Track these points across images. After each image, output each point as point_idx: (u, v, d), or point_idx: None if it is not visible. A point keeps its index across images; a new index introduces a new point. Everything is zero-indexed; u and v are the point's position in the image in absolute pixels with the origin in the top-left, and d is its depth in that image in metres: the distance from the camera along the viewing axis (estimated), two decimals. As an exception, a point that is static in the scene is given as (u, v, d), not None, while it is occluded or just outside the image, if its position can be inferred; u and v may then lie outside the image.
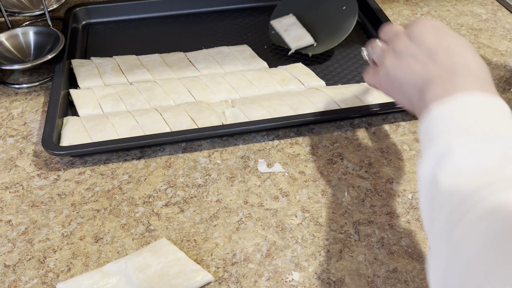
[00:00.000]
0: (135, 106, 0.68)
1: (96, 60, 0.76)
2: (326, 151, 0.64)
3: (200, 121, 0.64)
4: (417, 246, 0.53)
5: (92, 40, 0.84)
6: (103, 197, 0.58)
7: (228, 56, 0.78)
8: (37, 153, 0.63)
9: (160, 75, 0.74)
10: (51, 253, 0.52)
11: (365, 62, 0.79)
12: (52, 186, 0.59)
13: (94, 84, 0.72)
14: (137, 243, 0.53)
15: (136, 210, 0.56)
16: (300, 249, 0.52)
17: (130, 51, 0.80)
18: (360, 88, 0.71)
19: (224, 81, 0.72)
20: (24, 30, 0.77)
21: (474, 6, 0.94)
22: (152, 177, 0.60)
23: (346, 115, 0.65)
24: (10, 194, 0.58)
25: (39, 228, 0.54)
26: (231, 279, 0.50)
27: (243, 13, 0.91)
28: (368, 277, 0.50)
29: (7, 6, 0.82)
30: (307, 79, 0.73)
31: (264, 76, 0.73)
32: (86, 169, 0.61)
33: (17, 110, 0.70)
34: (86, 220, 0.55)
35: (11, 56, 0.74)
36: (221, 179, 0.60)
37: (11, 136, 0.66)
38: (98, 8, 0.87)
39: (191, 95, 0.70)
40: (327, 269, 0.50)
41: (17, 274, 0.50)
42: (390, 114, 0.69)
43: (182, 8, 0.90)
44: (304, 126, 0.68)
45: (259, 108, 0.66)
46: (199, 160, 0.63)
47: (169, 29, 0.87)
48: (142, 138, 0.61)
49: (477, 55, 0.44)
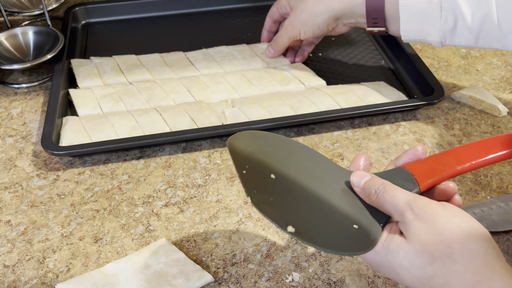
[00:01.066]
0: (134, 106, 0.68)
1: (95, 60, 0.76)
2: (327, 151, 0.64)
3: (200, 121, 0.64)
4: (417, 246, 0.52)
5: (92, 40, 0.84)
6: (102, 197, 0.58)
7: (228, 55, 0.78)
8: (37, 153, 0.63)
9: (160, 75, 0.74)
10: (51, 253, 0.52)
11: (367, 61, 0.79)
12: (51, 186, 0.59)
13: (93, 84, 0.72)
14: (137, 243, 0.53)
15: (136, 210, 0.56)
16: (300, 250, 0.52)
17: (129, 51, 0.79)
18: (360, 88, 0.70)
19: (224, 81, 0.72)
20: (23, 30, 0.77)
21: (474, 6, 0.94)
22: (152, 177, 0.60)
23: (346, 115, 0.65)
24: (9, 194, 0.58)
25: (39, 228, 0.54)
26: (231, 280, 0.50)
27: (243, 13, 0.91)
28: (368, 277, 0.50)
29: (7, 6, 0.82)
30: (307, 79, 0.73)
31: (264, 76, 0.73)
32: (86, 169, 0.61)
33: (17, 110, 0.70)
34: (86, 220, 0.55)
35: (10, 56, 0.74)
36: (221, 179, 0.60)
37: (11, 136, 0.66)
38: (98, 8, 0.87)
39: (191, 95, 0.69)
40: (327, 270, 0.50)
41: (17, 274, 0.50)
42: (390, 114, 0.69)
43: (182, 8, 0.90)
44: (304, 126, 0.67)
45: (259, 108, 0.66)
46: (199, 160, 0.62)
47: (169, 29, 0.87)
48: (142, 138, 0.61)
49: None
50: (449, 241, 0.36)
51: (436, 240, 0.36)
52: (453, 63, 0.79)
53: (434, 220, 0.37)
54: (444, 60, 0.80)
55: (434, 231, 0.37)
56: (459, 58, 0.81)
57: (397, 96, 0.70)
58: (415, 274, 0.37)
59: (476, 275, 0.35)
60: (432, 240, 0.37)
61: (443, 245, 0.36)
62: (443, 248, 0.36)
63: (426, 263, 0.37)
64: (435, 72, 0.77)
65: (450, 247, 0.36)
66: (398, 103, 0.67)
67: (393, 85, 0.73)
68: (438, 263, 0.36)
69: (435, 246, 0.36)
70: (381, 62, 0.79)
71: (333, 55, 0.81)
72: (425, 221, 0.37)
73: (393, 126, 0.68)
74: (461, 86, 0.75)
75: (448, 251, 0.36)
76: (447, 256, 0.36)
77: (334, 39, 0.84)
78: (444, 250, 0.36)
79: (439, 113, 0.70)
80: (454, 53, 0.82)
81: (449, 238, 0.36)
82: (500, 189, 0.59)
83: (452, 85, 0.75)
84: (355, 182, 0.43)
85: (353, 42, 0.84)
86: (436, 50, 0.82)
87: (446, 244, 0.36)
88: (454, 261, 0.36)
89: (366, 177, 0.43)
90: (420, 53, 0.81)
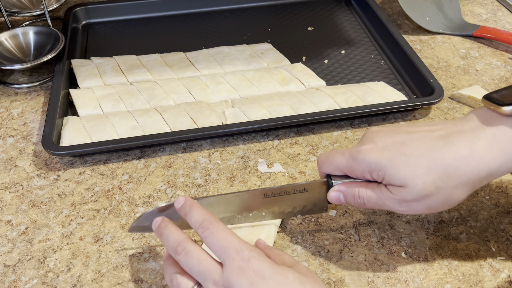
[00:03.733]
0: (135, 106, 0.68)
1: (96, 60, 0.76)
2: (326, 151, 0.64)
3: (200, 121, 0.64)
4: (417, 246, 0.53)
5: (92, 40, 0.84)
6: (103, 197, 0.58)
7: (228, 56, 0.78)
8: (37, 153, 0.63)
9: (160, 75, 0.74)
10: (51, 253, 0.52)
11: (366, 61, 0.79)
12: (52, 186, 0.59)
13: (94, 84, 0.72)
14: (137, 243, 0.53)
15: (136, 210, 0.56)
16: (300, 249, 0.52)
17: (130, 51, 0.80)
18: (360, 88, 0.71)
19: (224, 81, 0.72)
20: (24, 30, 0.77)
21: (474, 6, 0.94)
22: (152, 177, 0.60)
23: (346, 115, 0.65)
24: (10, 194, 0.58)
25: (39, 228, 0.54)
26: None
27: (243, 13, 0.91)
28: (368, 277, 0.50)
29: (7, 6, 0.82)
30: (307, 79, 0.73)
31: (264, 76, 0.73)
32: (86, 169, 0.61)
33: (17, 110, 0.70)
34: (86, 220, 0.55)
35: (11, 56, 0.74)
36: (221, 179, 0.60)
37: (11, 136, 0.66)
38: (98, 8, 0.87)
39: (191, 95, 0.70)
40: (327, 269, 0.50)
41: (17, 274, 0.50)
42: (390, 114, 0.70)
43: (182, 8, 0.91)
44: (304, 126, 0.68)
45: (259, 108, 0.66)
46: (199, 160, 0.63)
47: (169, 29, 0.87)
48: (142, 138, 0.61)
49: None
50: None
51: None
52: (452, 63, 0.80)
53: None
54: (443, 60, 0.80)
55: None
56: (458, 58, 0.81)
57: (396, 96, 0.70)
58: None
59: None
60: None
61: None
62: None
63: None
64: (434, 72, 0.77)
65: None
66: (398, 103, 0.67)
67: (393, 85, 0.74)
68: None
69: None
70: (381, 62, 0.79)
71: (333, 55, 0.81)
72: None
73: (393, 126, 0.68)
74: (460, 86, 0.75)
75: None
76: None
77: (334, 39, 0.84)
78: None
79: (438, 113, 0.70)
80: (453, 53, 0.82)
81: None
82: (500, 189, 0.59)
83: (451, 85, 0.75)
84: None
85: (353, 42, 0.84)
86: (435, 50, 0.82)
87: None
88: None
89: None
90: (419, 53, 0.82)
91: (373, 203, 0.45)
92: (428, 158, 0.42)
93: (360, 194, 0.46)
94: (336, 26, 0.88)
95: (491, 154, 0.41)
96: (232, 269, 0.38)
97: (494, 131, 0.42)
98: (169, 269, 0.43)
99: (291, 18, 0.90)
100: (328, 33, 0.86)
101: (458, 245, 0.53)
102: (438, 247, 0.52)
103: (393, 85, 0.73)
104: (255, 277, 0.38)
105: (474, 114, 0.44)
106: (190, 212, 0.43)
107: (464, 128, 0.43)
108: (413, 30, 0.88)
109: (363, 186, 0.46)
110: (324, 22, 0.89)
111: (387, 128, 0.46)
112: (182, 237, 0.42)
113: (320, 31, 0.87)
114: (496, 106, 0.42)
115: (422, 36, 0.86)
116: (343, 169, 0.47)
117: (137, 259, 0.51)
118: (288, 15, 0.91)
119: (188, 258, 0.40)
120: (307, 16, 0.90)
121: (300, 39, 0.84)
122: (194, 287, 0.41)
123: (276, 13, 0.91)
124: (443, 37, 0.86)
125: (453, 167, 0.42)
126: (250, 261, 0.38)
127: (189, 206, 0.44)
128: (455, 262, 0.51)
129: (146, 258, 0.51)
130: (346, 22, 0.89)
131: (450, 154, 0.42)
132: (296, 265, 0.42)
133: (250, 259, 0.39)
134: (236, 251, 0.39)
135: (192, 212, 0.43)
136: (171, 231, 0.43)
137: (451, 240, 0.53)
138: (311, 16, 0.90)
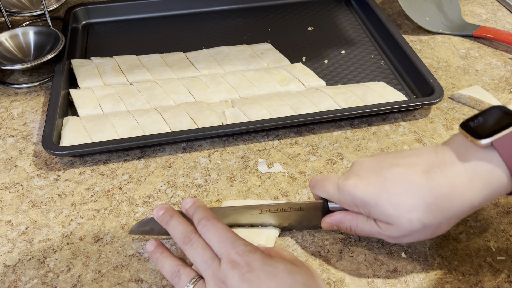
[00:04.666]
0: (135, 106, 0.68)
1: (96, 60, 0.76)
2: (326, 151, 0.64)
3: (200, 121, 0.64)
4: (417, 246, 0.53)
5: (92, 40, 0.84)
6: (103, 197, 0.58)
7: (228, 56, 0.78)
8: (37, 153, 0.63)
9: (160, 75, 0.74)
10: (51, 253, 0.52)
11: (366, 61, 0.79)
12: (52, 186, 0.59)
13: (94, 84, 0.72)
14: (137, 244, 0.53)
15: (136, 210, 0.56)
16: (300, 249, 0.52)
17: (130, 51, 0.80)
18: (360, 88, 0.71)
19: (224, 81, 0.72)
20: (24, 30, 0.77)
21: (474, 6, 0.94)
22: (152, 177, 0.60)
23: (346, 115, 0.65)
24: (10, 194, 0.58)
25: (39, 228, 0.54)
26: (231, 279, 0.50)
27: (243, 13, 0.91)
28: (368, 277, 0.50)
29: (7, 6, 0.82)
30: (307, 79, 0.73)
31: (264, 76, 0.73)
32: (86, 169, 0.61)
33: (17, 110, 0.70)
34: (86, 220, 0.55)
35: (11, 56, 0.74)
36: (221, 179, 0.60)
37: (11, 136, 0.66)
38: (98, 8, 0.87)
39: (191, 95, 0.70)
40: (327, 269, 0.50)
41: (17, 274, 0.50)
42: (390, 114, 0.70)
43: (182, 8, 0.91)
44: (304, 126, 0.68)
45: (259, 108, 0.66)
46: (199, 160, 0.63)
47: (169, 29, 0.87)
48: (142, 138, 0.61)
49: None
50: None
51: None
52: (452, 63, 0.80)
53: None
54: (443, 61, 0.80)
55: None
56: (458, 58, 0.81)
57: (396, 96, 0.70)
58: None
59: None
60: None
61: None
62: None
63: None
64: (434, 72, 0.77)
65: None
66: (398, 103, 0.67)
67: (393, 85, 0.74)
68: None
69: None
70: (381, 62, 0.79)
71: (333, 55, 0.81)
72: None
73: (393, 126, 0.68)
74: (460, 86, 0.75)
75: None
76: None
77: (334, 39, 0.84)
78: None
79: (438, 113, 0.70)
80: (453, 54, 0.82)
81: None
82: (499, 189, 0.59)
83: (451, 85, 0.75)
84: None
85: (353, 42, 0.84)
86: (435, 50, 0.82)
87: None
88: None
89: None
90: (419, 53, 0.82)
91: (367, 235, 0.48)
92: (411, 196, 0.42)
93: (352, 228, 0.48)
94: (336, 26, 0.88)
95: (473, 190, 0.42)
96: (227, 262, 0.41)
97: (474, 165, 0.41)
98: (168, 260, 0.46)
99: (291, 18, 0.90)
100: (328, 33, 0.86)
101: (458, 245, 0.53)
102: (438, 247, 0.52)
103: (393, 85, 0.73)
104: (246, 268, 0.40)
105: (454, 142, 0.44)
106: (196, 212, 0.47)
107: (445, 160, 0.43)
108: (413, 30, 0.88)
109: (355, 219, 0.47)
110: (324, 22, 0.89)
111: (372, 160, 0.47)
112: (189, 229, 0.46)
113: (320, 31, 0.87)
114: (473, 138, 0.42)
115: (422, 36, 0.86)
116: (333, 199, 0.48)
117: (137, 259, 0.51)
118: (288, 15, 0.91)
119: (194, 249, 0.44)
120: (307, 16, 0.90)
121: (300, 39, 0.85)
122: (194, 278, 0.43)
123: (276, 13, 0.91)
124: (443, 37, 0.86)
125: (435, 206, 0.42)
126: (244, 254, 0.41)
127: (196, 207, 0.47)
128: (455, 262, 0.51)
129: (146, 258, 0.51)
130: (346, 22, 0.89)
131: (432, 193, 0.42)
132: (295, 260, 0.44)
133: (244, 252, 0.41)
134: (232, 245, 0.42)
135: (197, 211, 0.47)
136: (179, 222, 0.47)
137: (451, 240, 0.53)
138: (311, 16, 0.90)
